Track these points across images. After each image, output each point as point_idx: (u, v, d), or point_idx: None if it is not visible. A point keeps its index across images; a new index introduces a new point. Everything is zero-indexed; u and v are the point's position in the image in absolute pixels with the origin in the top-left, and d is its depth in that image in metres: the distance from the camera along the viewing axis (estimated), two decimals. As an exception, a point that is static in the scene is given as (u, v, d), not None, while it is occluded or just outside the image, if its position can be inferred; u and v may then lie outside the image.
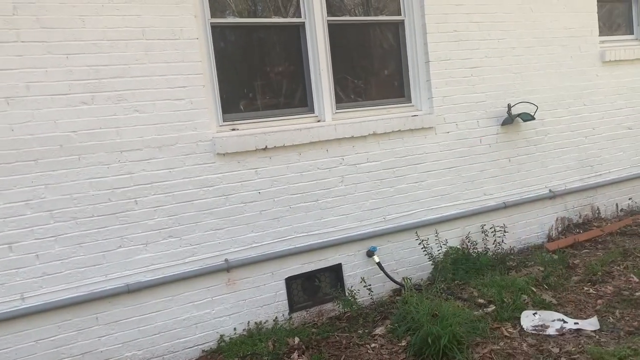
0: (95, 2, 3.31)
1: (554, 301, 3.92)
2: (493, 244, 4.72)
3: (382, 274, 4.27)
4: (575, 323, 3.59)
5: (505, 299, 3.91)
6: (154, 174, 3.52)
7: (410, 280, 3.94)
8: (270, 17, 4.08)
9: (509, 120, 4.83)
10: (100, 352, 3.40)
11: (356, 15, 4.42)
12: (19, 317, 3.19)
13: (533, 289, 4.06)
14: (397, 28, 4.57)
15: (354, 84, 4.45)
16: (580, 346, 3.29)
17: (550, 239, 5.20)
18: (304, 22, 4.12)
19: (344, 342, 3.61)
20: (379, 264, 4.25)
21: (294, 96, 4.21)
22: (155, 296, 3.55)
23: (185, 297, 3.66)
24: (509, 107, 4.87)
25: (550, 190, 5.20)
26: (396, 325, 3.66)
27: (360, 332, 3.73)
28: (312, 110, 4.20)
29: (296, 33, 4.15)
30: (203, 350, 3.71)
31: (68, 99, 3.26)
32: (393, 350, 3.45)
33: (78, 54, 3.28)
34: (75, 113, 3.28)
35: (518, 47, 4.96)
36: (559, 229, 5.29)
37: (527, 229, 5.12)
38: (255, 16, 4.05)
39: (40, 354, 3.25)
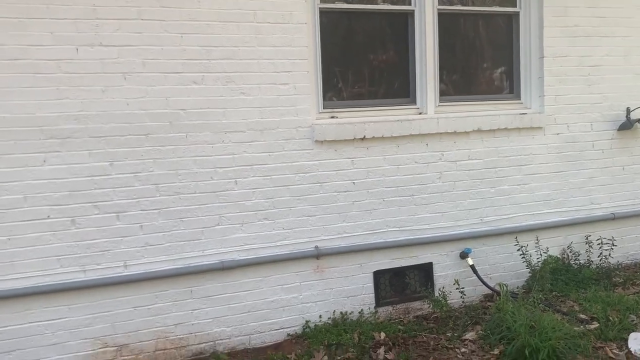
0: (211, -17, 3.38)
1: (667, 326, 3.59)
2: (598, 256, 4.38)
3: (474, 277, 4.09)
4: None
5: (610, 317, 3.62)
6: (255, 156, 3.56)
7: (506, 286, 3.74)
8: (379, 4, 3.99)
9: (628, 125, 4.45)
10: (191, 324, 3.51)
11: (468, 5, 4.22)
12: (121, 283, 3.34)
13: (643, 310, 3.73)
14: (511, 20, 4.32)
15: (460, 76, 4.26)
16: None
17: (663, 257, 4.76)
18: (413, 10, 3.99)
19: (431, 343, 3.49)
20: (472, 266, 4.08)
21: (395, 86, 4.10)
22: (247, 275, 3.61)
23: (275, 280, 3.69)
24: (628, 111, 4.48)
25: (667, 204, 4.76)
26: (489, 332, 3.49)
27: (449, 334, 3.60)
28: (413, 102, 4.07)
29: (404, 21, 4.03)
30: (288, 334, 3.73)
31: (180, 77, 3.36)
32: (484, 357, 3.29)
33: (192, 33, 3.36)
34: (186, 92, 3.37)
35: (645, 45, 4.54)
36: (674, 247, 4.83)
37: (637, 244, 4.71)
38: (364, 2, 3.96)
39: (137, 320, 3.40)
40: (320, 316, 3.81)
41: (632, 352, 3.29)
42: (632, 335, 3.44)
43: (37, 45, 3.07)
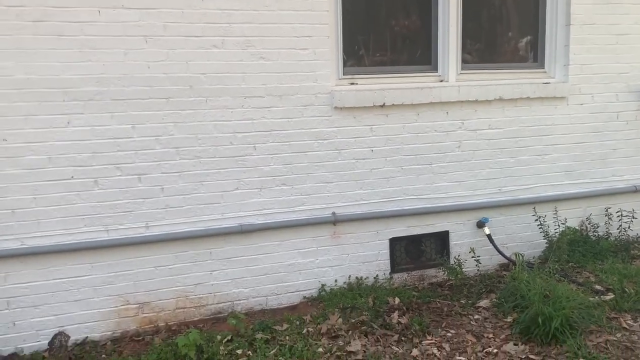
0: (232, -55, 3.35)
1: (684, 299, 3.57)
2: (617, 229, 4.35)
3: (490, 246, 4.10)
4: None
5: (626, 289, 3.61)
6: (274, 122, 3.58)
7: (522, 256, 3.75)
8: (402, -32, 3.91)
9: (655, 96, 4.35)
10: (210, 285, 3.60)
11: (494, -30, 4.12)
12: (142, 243, 3.43)
13: (660, 282, 3.71)
14: (538, -14, 4.21)
15: (483, 44, 4.19)
16: None
17: (684, 231, 4.70)
18: (437, -25, 3.91)
19: (445, 309, 3.54)
20: (489, 236, 4.08)
21: (417, 53, 4.05)
22: (265, 239, 3.67)
23: (292, 244, 3.75)
24: (656, 81, 4.37)
25: (692, 178, 4.67)
26: (502, 300, 3.52)
27: (463, 302, 3.64)
28: (435, 69, 4.02)
29: (427, -14, 3.96)
30: (304, 297, 3.81)
31: (201, 41, 3.36)
32: (497, 324, 3.33)
33: (213, -3, 3.36)
34: (206, 56, 3.38)
35: (677, 13, 4.39)
36: (697, 221, 4.76)
37: (659, 217, 4.66)
38: (386, -34, 3.89)
39: (158, 279, 3.50)
40: (335, 280, 3.87)
41: (647, 324, 3.30)
42: (648, 307, 3.44)
43: (60, 7, 3.10)
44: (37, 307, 3.28)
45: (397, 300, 3.63)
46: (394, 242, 3.99)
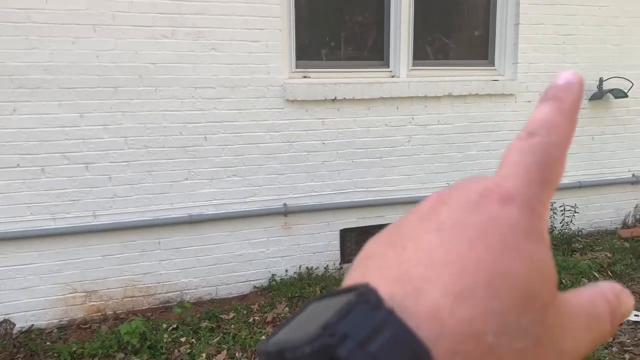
0: (183, -64, 3.35)
1: (617, 290, 3.74)
2: (560, 222, 4.52)
3: (438, 238, 4.21)
4: (635, 315, 3.41)
5: (563, 280, 3.77)
6: (225, 113, 3.61)
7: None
8: (356, -36, 3.97)
9: (599, 95, 4.51)
10: (159, 274, 3.64)
11: (446, -31, 4.21)
12: (90, 232, 3.44)
13: (596, 274, 3.89)
14: (489, -15, 4.32)
15: (435, 41, 4.28)
16: (636, 339, 3.14)
17: (625, 226, 4.90)
18: (389, -28, 3.98)
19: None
20: (436, 228, 4.19)
21: (370, 49, 4.12)
22: (215, 229, 3.71)
23: (243, 235, 3.80)
24: (601, 81, 4.53)
25: (633, 175, 4.86)
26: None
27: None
28: (387, 65, 4.10)
29: (380, -17, 4.03)
30: (254, 287, 3.88)
31: (151, 30, 3.37)
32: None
33: (163, -13, 3.36)
34: (156, 46, 3.39)
35: (621, 16, 4.54)
36: (637, 216, 4.97)
37: (601, 212, 4.85)
38: (340, -38, 3.95)
39: (106, 268, 3.51)
40: (286, 270, 3.94)
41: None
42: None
43: (5, -6, 3.08)
44: (-19, 294, 3.28)
45: (344, 290, 3.71)
46: (345, 233, 4.08)
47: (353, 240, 4.12)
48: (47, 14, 3.17)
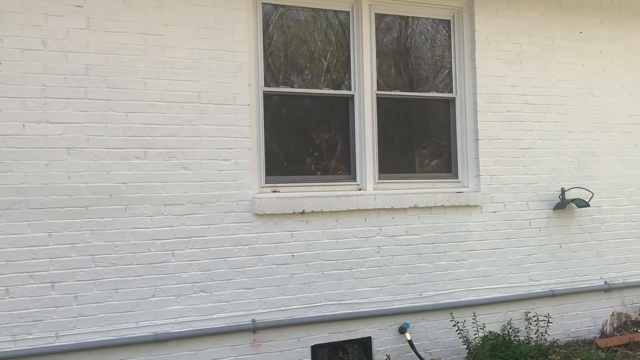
0: (157, 66, 3.62)
1: (596, 405, 3.62)
2: (535, 333, 4.45)
3: (413, 352, 4.13)
4: None
5: (541, 396, 3.65)
6: (193, 228, 3.68)
7: (440, 363, 3.79)
8: (321, 89, 4.25)
9: (562, 205, 4.66)
10: (121, 397, 3.49)
11: (406, 91, 4.51)
12: (52, 354, 3.35)
13: (574, 388, 3.77)
14: (448, 105, 4.61)
15: (400, 155, 4.49)
16: None
17: (603, 334, 4.83)
18: (353, 95, 4.27)
19: (361, 420, 3.49)
20: (410, 342, 4.12)
21: (337, 164, 4.31)
22: (181, 348, 3.63)
23: (210, 353, 3.70)
24: (562, 191, 4.71)
25: (605, 282, 4.89)
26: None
27: (380, 411, 3.60)
28: (354, 179, 4.27)
29: (345, 104, 4.30)
30: (221, 410, 3.71)
31: (123, 152, 3.53)
32: None
33: (137, 112, 3.57)
34: (128, 166, 3.53)
35: (576, 131, 4.83)
36: (615, 325, 4.92)
37: (578, 321, 4.81)
38: (307, 87, 4.24)
39: (67, 392, 3.38)
40: (255, 391, 3.80)
41: None
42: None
43: (-16, 121, 3.25)
44: None
45: (314, 411, 3.56)
46: (316, 349, 3.99)
47: (325, 357, 4.02)
48: (24, 139, 3.33)
